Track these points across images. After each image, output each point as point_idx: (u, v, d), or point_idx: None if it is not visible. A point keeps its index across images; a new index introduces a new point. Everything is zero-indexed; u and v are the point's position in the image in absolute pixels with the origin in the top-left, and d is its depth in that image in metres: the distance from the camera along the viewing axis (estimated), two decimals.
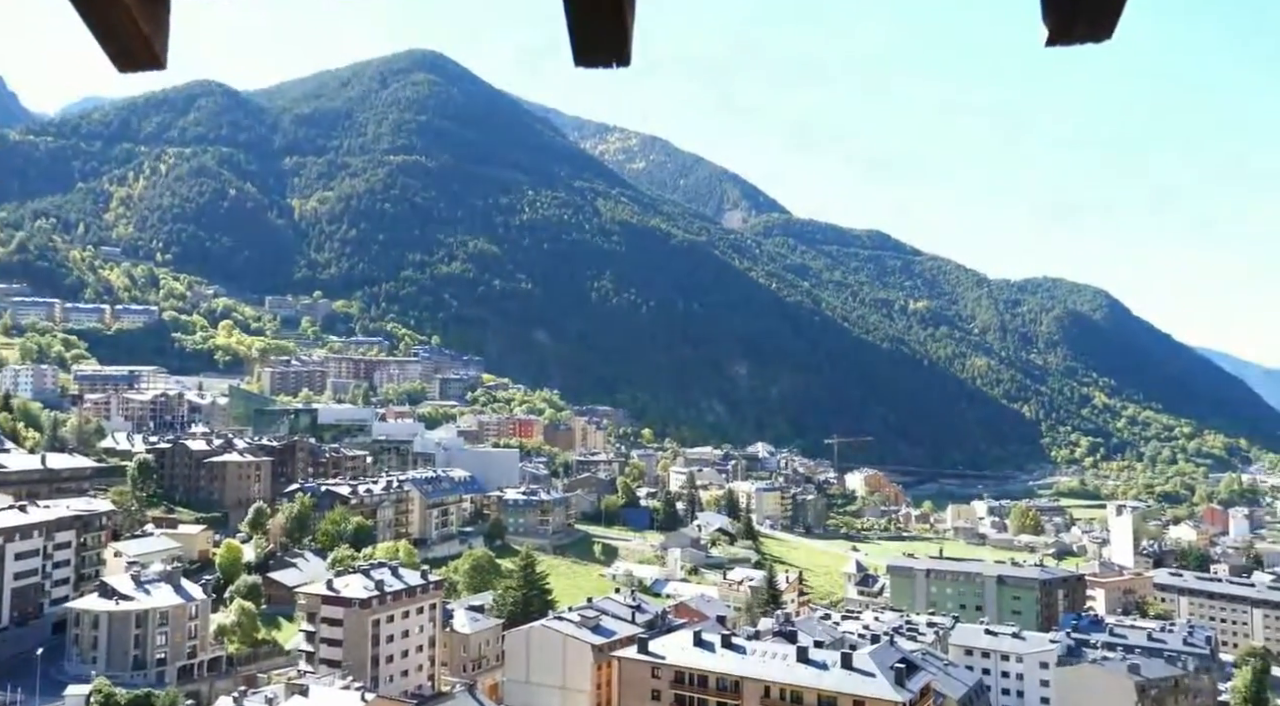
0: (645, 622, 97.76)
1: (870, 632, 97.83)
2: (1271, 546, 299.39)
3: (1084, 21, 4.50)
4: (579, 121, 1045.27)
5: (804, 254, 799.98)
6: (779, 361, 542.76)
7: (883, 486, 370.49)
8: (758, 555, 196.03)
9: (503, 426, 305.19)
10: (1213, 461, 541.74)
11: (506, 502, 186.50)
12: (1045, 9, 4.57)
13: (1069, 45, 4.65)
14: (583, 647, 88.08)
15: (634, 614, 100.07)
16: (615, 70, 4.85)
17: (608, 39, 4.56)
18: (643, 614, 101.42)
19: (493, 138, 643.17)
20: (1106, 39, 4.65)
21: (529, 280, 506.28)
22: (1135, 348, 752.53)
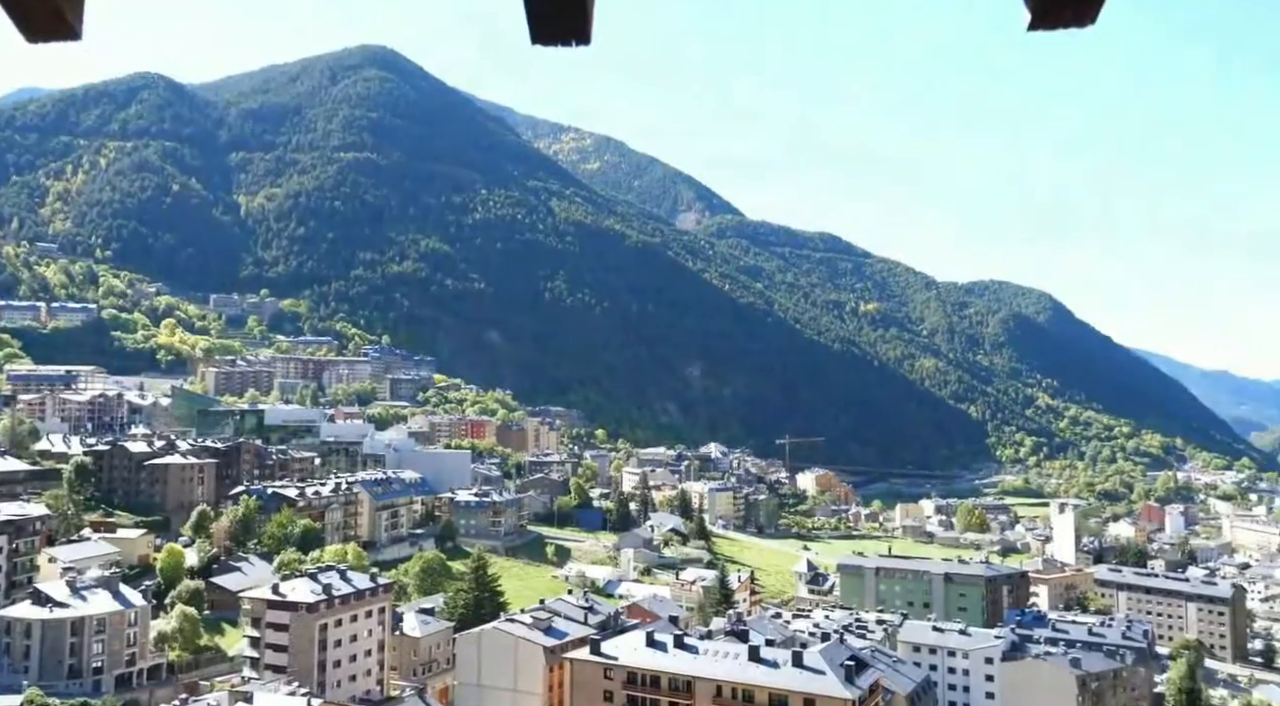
0: (598, 624, 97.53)
1: (821, 631, 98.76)
2: (1205, 542, 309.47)
3: (1069, 5, 4.37)
4: (533, 121, 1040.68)
5: (757, 255, 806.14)
6: (732, 362, 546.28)
7: (834, 486, 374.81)
8: (710, 555, 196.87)
9: (455, 427, 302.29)
10: (1150, 460, 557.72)
11: (458, 504, 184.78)
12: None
13: (1051, 30, 4.50)
14: (535, 649, 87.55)
15: (587, 615, 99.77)
16: (575, 49, 4.68)
17: (567, 15, 4.35)
18: (595, 615, 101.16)
19: (445, 136, 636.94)
20: (1090, 24, 4.49)
21: (482, 280, 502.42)
22: (1077, 349, 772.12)
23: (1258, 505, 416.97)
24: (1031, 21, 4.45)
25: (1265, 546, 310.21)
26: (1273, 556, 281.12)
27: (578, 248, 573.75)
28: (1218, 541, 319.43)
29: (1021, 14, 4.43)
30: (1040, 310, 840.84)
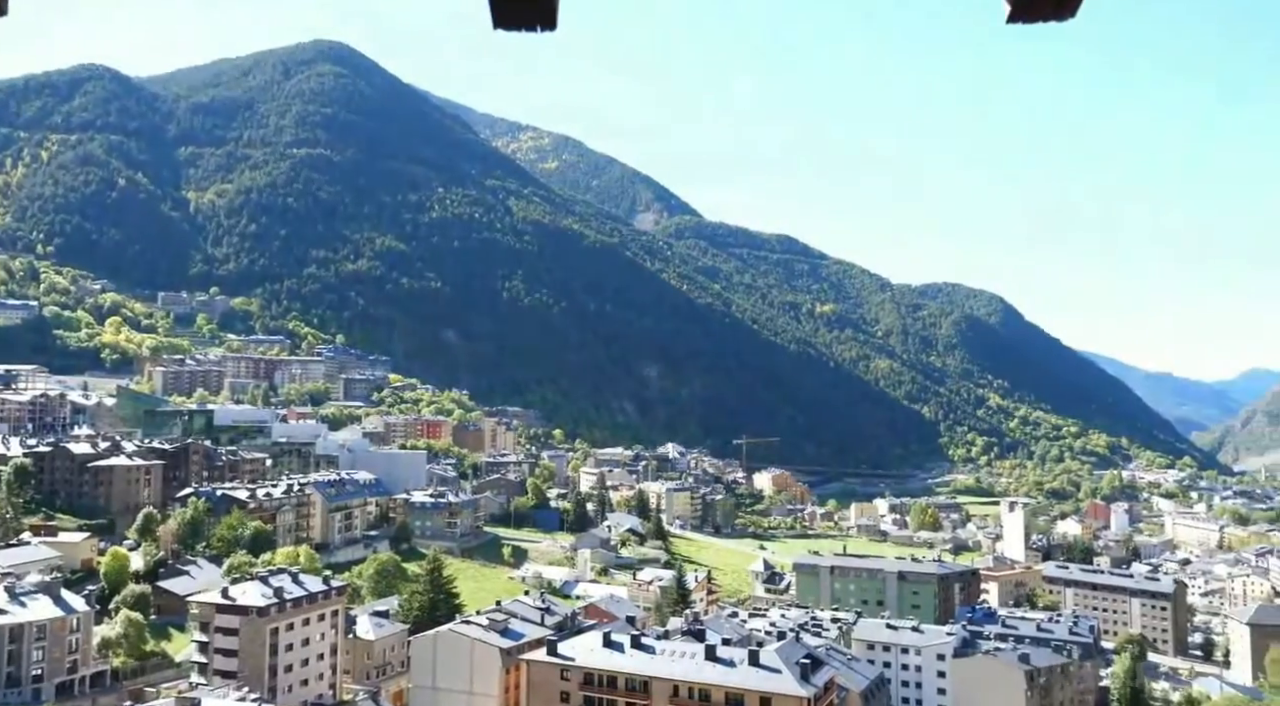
0: (555, 625, 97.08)
1: (777, 629, 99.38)
2: (1148, 539, 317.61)
3: None
4: (490, 119, 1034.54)
5: (715, 256, 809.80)
6: (690, 363, 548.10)
7: (790, 486, 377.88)
8: (667, 555, 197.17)
9: (410, 427, 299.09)
10: (1096, 459, 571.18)
11: (413, 505, 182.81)
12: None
13: (1031, 22, 4.37)
14: (491, 651, 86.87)
15: (543, 616, 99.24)
16: (539, 34, 4.44)
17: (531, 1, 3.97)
18: (552, 616, 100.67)
19: (401, 133, 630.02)
20: (1069, 17, 4.36)
21: (438, 279, 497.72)
22: (1027, 351, 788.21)
23: (1198, 503, 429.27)
24: (1011, 13, 4.35)
25: (1205, 543, 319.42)
26: (1212, 552, 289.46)
27: (536, 247, 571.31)
28: (1160, 538, 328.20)
29: (1001, 7, 4.32)
30: (992, 312, 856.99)
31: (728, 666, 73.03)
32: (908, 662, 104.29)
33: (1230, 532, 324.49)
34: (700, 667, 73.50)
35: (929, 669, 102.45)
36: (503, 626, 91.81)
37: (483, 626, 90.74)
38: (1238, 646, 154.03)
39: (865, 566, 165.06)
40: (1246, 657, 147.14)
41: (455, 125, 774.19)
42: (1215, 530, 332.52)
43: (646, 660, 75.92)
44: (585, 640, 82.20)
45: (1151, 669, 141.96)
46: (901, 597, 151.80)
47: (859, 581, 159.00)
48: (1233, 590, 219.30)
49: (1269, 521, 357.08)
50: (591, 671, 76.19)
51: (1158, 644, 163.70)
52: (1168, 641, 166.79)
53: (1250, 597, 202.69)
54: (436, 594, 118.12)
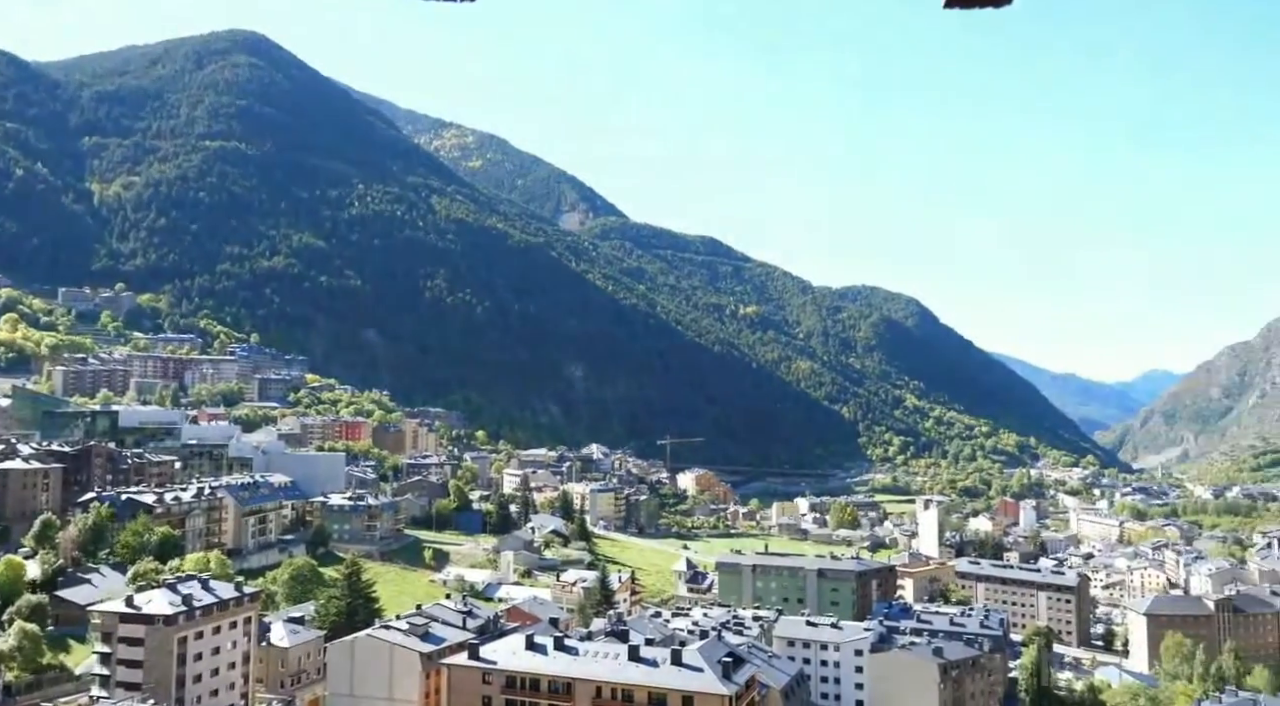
0: (477, 628, 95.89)
1: (699, 628, 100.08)
2: (1054, 535, 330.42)
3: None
4: (413, 115, 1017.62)
5: (640, 258, 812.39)
6: (614, 363, 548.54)
7: (713, 485, 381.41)
8: (591, 556, 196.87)
9: (328, 429, 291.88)
10: (1006, 458, 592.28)
11: (331, 508, 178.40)
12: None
13: (968, 9, 4.42)
14: (411, 656, 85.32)
15: (465, 619, 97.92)
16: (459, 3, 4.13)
17: None
18: (474, 619, 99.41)
19: (320, 127, 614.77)
20: (1007, 4, 4.45)
21: (358, 277, 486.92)
22: (942, 353, 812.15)
23: (1100, 500, 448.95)
24: (947, 0, 4.41)
25: (1106, 538, 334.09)
26: (1113, 547, 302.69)
27: (459, 246, 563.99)
28: (1065, 533, 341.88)
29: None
30: (908, 315, 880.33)
31: (651, 666, 73.22)
32: (827, 658, 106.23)
33: (1129, 528, 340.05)
34: (623, 668, 73.52)
35: (847, 664, 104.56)
36: (423, 630, 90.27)
37: (402, 631, 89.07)
38: (1136, 636, 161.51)
39: (786, 564, 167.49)
40: (1144, 646, 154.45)
41: (376, 121, 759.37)
42: (1116, 525, 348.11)
43: (570, 662, 75.60)
44: (508, 643, 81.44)
45: (1057, 659, 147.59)
46: (821, 595, 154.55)
47: (780, 579, 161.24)
48: (1131, 582, 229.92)
49: (1164, 517, 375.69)
50: (514, 674, 75.51)
51: (1063, 635, 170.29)
52: (1072, 632, 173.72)
53: (1147, 589, 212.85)
54: (355, 599, 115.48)
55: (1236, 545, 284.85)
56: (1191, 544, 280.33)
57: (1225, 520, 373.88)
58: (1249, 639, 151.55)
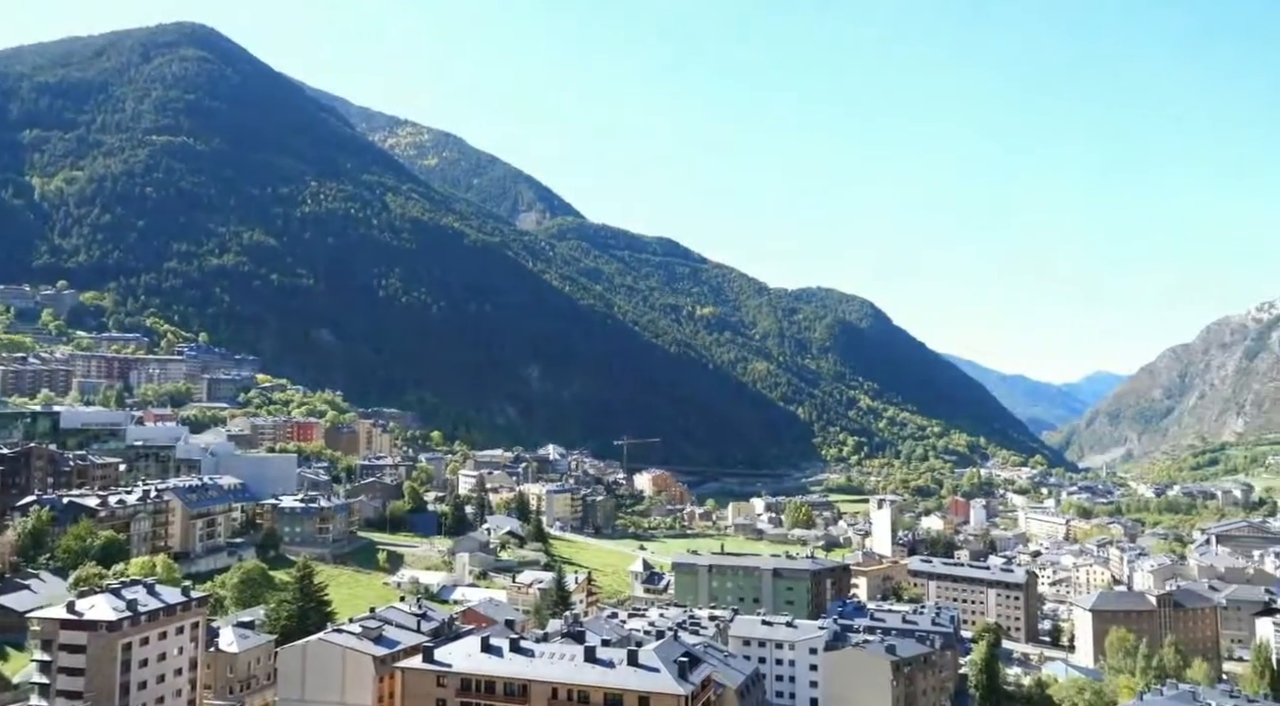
0: (431, 631, 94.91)
1: (656, 629, 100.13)
2: (1003, 533, 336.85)
3: None
4: (367, 112, 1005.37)
5: (597, 258, 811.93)
6: (571, 364, 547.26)
7: (669, 486, 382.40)
8: (548, 557, 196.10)
9: (280, 430, 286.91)
10: (957, 458, 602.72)
11: (282, 510, 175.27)
12: None
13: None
14: (364, 660, 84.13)
15: (419, 622, 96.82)
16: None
17: None
18: (429, 622, 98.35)
19: (272, 123, 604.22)
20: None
21: (311, 276, 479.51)
22: (895, 355, 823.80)
23: (1048, 498, 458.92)
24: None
25: (1053, 535, 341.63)
26: (1060, 544, 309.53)
27: (414, 245, 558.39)
28: (1014, 531, 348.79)
29: None
30: (863, 317, 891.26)
31: (607, 667, 73.08)
32: (782, 657, 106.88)
33: (1075, 525, 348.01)
34: (580, 669, 73.29)
35: (802, 662, 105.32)
36: (376, 634, 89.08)
37: (355, 634, 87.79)
38: (1081, 631, 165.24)
39: (742, 564, 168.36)
40: (1089, 641, 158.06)
41: (330, 117, 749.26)
42: (1062, 524, 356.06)
43: (525, 663, 75.16)
44: (463, 645, 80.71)
45: (1006, 655, 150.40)
46: (777, 594, 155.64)
47: (736, 579, 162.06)
48: (1077, 579, 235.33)
49: (1109, 515, 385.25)
50: (469, 677, 74.86)
51: (1011, 631, 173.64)
52: (1020, 628, 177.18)
53: (1092, 586, 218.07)
54: (306, 602, 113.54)
55: (1177, 542, 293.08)
56: (1135, 541, 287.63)
57: (1166, 518, 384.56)
58: (1188, 632, 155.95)
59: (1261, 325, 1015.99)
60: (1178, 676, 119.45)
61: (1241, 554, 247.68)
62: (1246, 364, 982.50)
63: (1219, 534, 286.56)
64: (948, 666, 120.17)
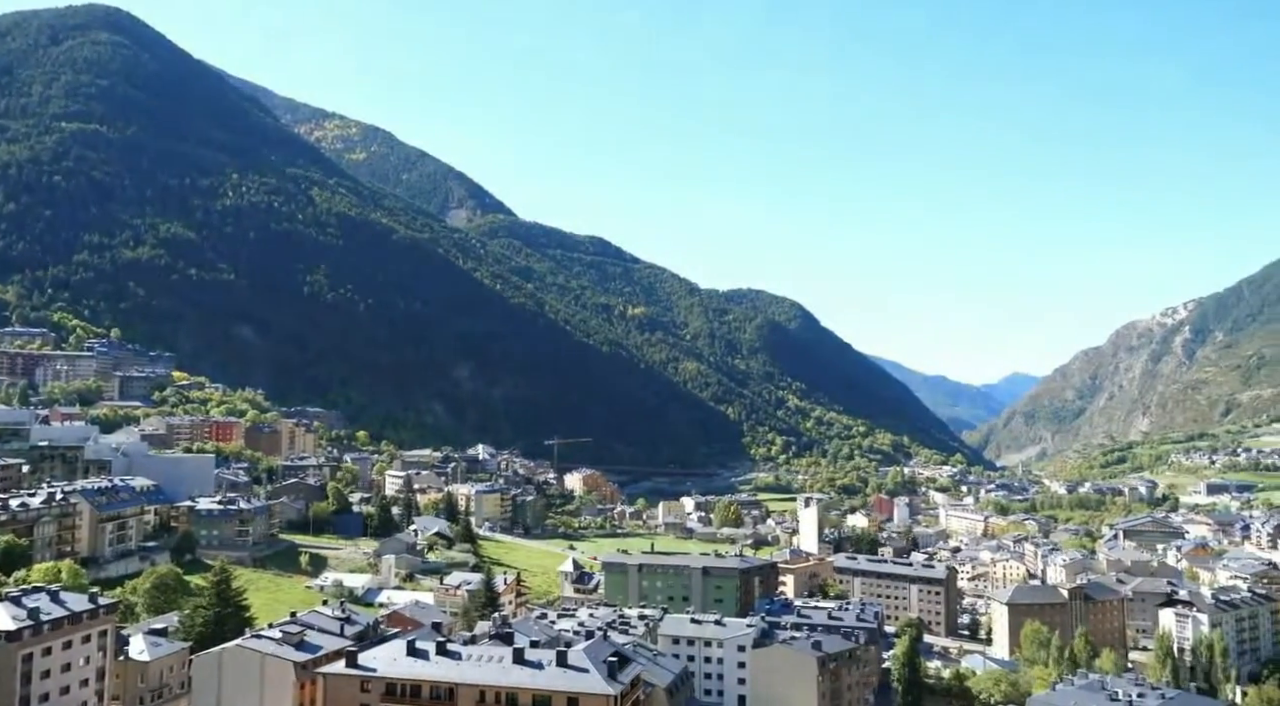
0: (355, 635, 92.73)
1: (585, 629, 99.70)
2: (925, 530, 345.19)
3: None
4: (292, 103, 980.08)
5: (529, 256, 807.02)
6: (502, 363, 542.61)
7: (600, 485, 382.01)
8: (476, 558, 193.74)
9: (197, 429, 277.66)
10: (882, 456, 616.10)
11: (199, 513, 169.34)
12: None
13: None
14: (284, 666, 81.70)
15: (343, 626, 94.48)
16: None
17: None
18: (353, 626, 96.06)
19: (191, 112, 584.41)
20: None
21: (232, 270, 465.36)
22: (823, 355, 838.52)
23: (967, 496, 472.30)
24: None
25: (972, 531, 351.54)
26: (978, 540, 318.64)
27: (341, 241, 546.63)
28: (936, 528, 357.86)
29: None
30: (791, 318, 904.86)
31: (535, 668, 72.44)
32: (710, 655, 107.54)
33: (993, 522, 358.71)
34: (508, 671, 72.47)
35: (730, 660, 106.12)
36: (298, 639, 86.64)
37: (275, 640, 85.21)
38: (998, 624, 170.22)
39: (671, 563, 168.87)
40: (1005, 634, 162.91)
41: (253, 107, 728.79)
42: (981, 520, 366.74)
43: (452, 666, 73.97)
44: (388, 649, 79.04)
45: (927, 649, 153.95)
46: (706, 592, 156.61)
47: (666, 578, 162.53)
48: (995, 574, 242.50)
49: (1024, 511, 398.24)
50: (394, 681, 73.33)
51: (932, 626, 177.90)
52: (941, 623, 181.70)
53: (1009, 580, 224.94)
54: (224, 607, 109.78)
55: (1087, 537, 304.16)
56: (1048, 536, 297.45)
57: (1078, 514, 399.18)
58: (1097, 624, 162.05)
59: (1166, 329, 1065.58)
60: (1088, 666, 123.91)
61: (1146, 548, 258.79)
62: (1152, 366, 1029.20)
63: (1126, 529, 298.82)
64: (872, 661, 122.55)
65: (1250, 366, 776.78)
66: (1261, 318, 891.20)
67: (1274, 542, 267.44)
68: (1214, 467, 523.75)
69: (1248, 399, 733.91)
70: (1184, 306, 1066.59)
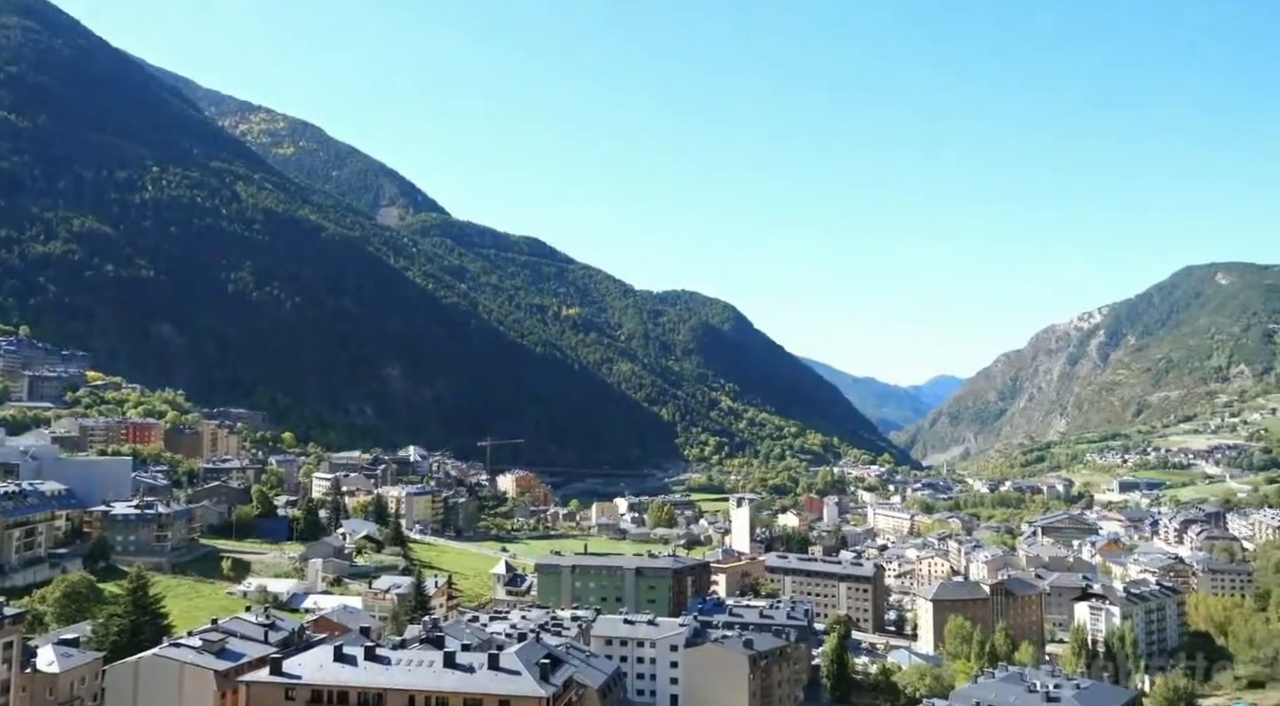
0: (280, 641, 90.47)
1: (518, 631, 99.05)
2: (853, 529, 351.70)
3: None
4: (217, 95, 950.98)
5: (462, 256, 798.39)
6: (434, 363, 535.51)
7: (533, 487, 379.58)
8: (407, 561, 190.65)
9: (113, 431, 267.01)
10: (813, 457, 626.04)
11: (114, 518, 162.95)
12: None
13: None
14: (204, 675, 79.25)
15: (267, 633, 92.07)
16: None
17: None
18: (278, 632, 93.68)
19: (108, 102, 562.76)
20: None
21: (151, 267, 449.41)
22: (756, 357, 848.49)
23: (894, 495, 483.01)
24: None
25: (899, 530, 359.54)
26: (905, 538, 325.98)
27: (268, 237, 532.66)
28: (864, 527, 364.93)
29: None
30: (725, 320, 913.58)
31: (467, 672, 71.70)
32: (643, 655, 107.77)
33: (919, 520, 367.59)
34: (439, 675, 71.59)
35: (663, 660, 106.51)
36: (219, 647, 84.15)
37: (195, 648, 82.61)
38: (924, 620, 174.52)
39: (605, 564, 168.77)
40: (930, 629, 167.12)
41: (174, 99, 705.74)
42: (907, 519, 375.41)
43: (381, 671, 72.73)
44: (314, 655, 77.28)
45: (855, 645, 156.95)
46: (639, 593, 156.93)
47: (599, 579, 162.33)
48: (920, 571, 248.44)
49: (949, 510, 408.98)
50: (320, 688, 71.73)
51: (861, 622, 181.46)
52: (869, 620, 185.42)
53: (934, 577, 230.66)
54: (140, 616, 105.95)
55: (1008, 534, 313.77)
56: (971, 534, 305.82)
57: (999, 512, 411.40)
58: (1017, 618, 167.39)
59: (1082, 333, 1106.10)
60: (1008, 659, 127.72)
61: (1063, 544, 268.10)
62: (1069, 369, 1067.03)
63: (1044, 526, 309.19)
64: (802, 658, 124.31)
65: (1160, 369, 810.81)
66: (1170, 323, 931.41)
67: (1180, 538, 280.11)
68: (1126, 466, 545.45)
69: (1157, 400, 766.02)
70: (1099, 311, 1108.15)
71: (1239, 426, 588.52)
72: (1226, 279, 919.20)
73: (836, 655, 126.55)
